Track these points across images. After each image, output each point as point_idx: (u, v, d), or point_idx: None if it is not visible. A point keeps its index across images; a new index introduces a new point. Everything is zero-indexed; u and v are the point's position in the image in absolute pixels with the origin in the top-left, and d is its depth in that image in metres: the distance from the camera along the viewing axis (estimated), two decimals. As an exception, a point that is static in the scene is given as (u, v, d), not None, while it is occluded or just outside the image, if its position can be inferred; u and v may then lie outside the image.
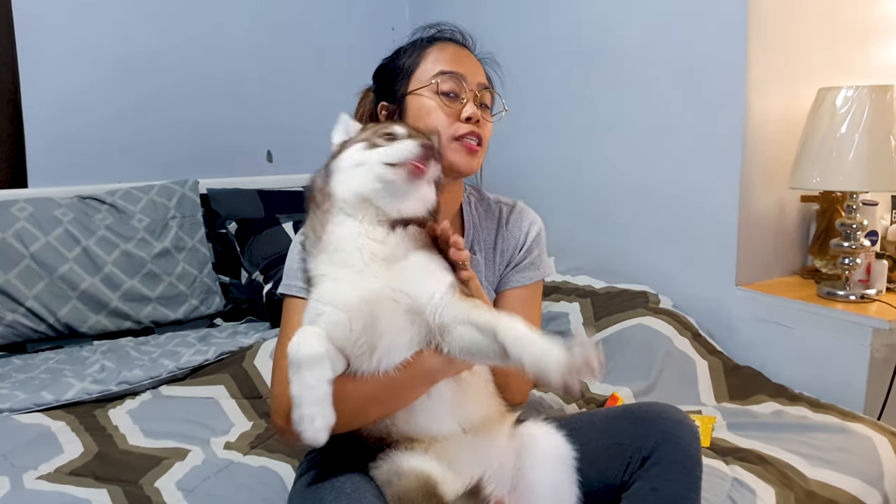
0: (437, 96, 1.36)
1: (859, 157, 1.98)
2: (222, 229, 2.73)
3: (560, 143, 2.77)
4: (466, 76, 1.38)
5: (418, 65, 1.40)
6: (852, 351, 1.97)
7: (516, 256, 1.50)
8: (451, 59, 1.39)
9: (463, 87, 1.37)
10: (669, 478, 1.22)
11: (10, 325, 2.24)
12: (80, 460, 1.55)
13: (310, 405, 1.02)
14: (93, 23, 2.70)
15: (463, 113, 1.36)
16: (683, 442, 1.23)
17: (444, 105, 1.36)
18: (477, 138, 1.37)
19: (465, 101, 1.37)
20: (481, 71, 1.44)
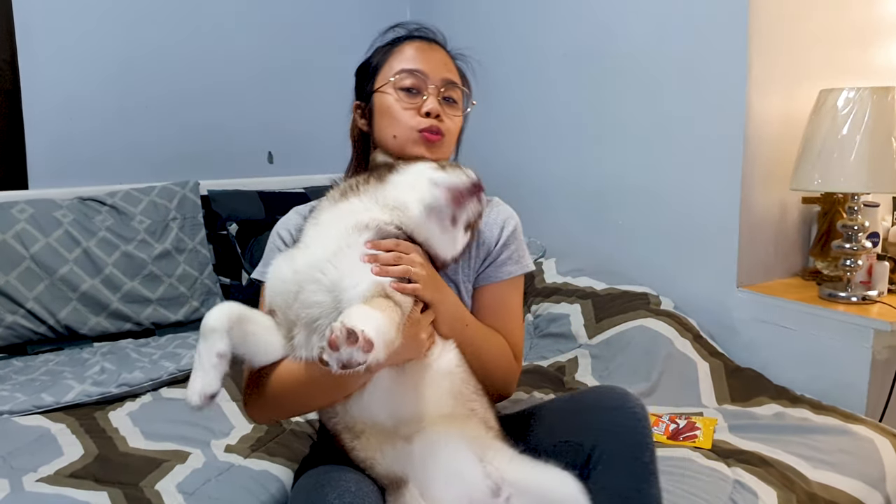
0: (397, 93, 1.40)
1: (861, 158, 1.98)
2: (223, 231, 2.73)
3: (561, 144, 2.76)
4: (428, 73, 1.40)
5: (384, 63, 1.44)
6: (854, 352, 1.97)
7: (493, 251, 1.46)
8: (413, 57, 1.42)
9: (424, 84, 1.39)
10: (616, 472, 1.17)
11: (10, 327, 2.23)
12: (80, 462, 1.55)
13: (196, 370, 1.12)
14: (93, 23, 2.70)
15: (423, 107, 1.38)
16: (625, 430, 1.18)
17: (405, 101, 1.39)
18: (437, 130, 1.38)
19: (426, 97, 1.39)
20: (448, 67, 1.45)
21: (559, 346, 2.27)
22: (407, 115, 1.39)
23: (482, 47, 1.49)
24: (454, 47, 1.52)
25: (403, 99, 1.39)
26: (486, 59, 1.51)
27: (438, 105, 1.39)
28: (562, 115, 2.74)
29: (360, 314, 1.01)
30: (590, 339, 2.23)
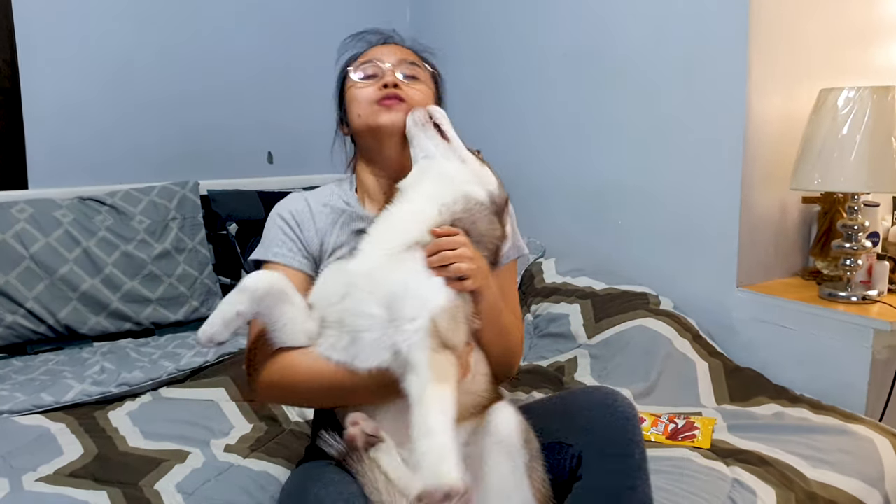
0: (354, 77, 1.43)
1: (861, 158, 1.98)
2: (223, 230, 2.73)
3: (560, 144, 2.76)
4: (382, 58, 1.42)
5: (349, 66, 1.47)
6: (854, 352, 1.97)
7: None
8: (370, 53, 1.45)
9: (380, 68, 1.41)
10: (604, 471, 1.17)
11: (10, 327, 2.23)
12: (79, 462, 1.55)
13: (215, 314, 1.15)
14: (93, 24, 2.70)
15: (380, 83, 1.39)
16: (611, 431, 1.18)
17: (363, 83, 1.41)
18: (394, 97, 1.38)
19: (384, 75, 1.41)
20: (406, 53, 1.46)
21: (558, 346, 2.27)
22: (366, 92, 1.40)
23: (481, 47, 1.50)
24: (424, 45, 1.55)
25: (362, 80, 1.42)
26: (485, 60, 1.51)
27: (397, 78, 1.40)
28: (561, 115, 2.74)
29: (444, 457, 0.99)
30: (589, 339, 2.23)
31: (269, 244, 1.39)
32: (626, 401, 1.23)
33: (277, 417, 1.79)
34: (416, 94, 1.41)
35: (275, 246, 1.38)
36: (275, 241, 1.39)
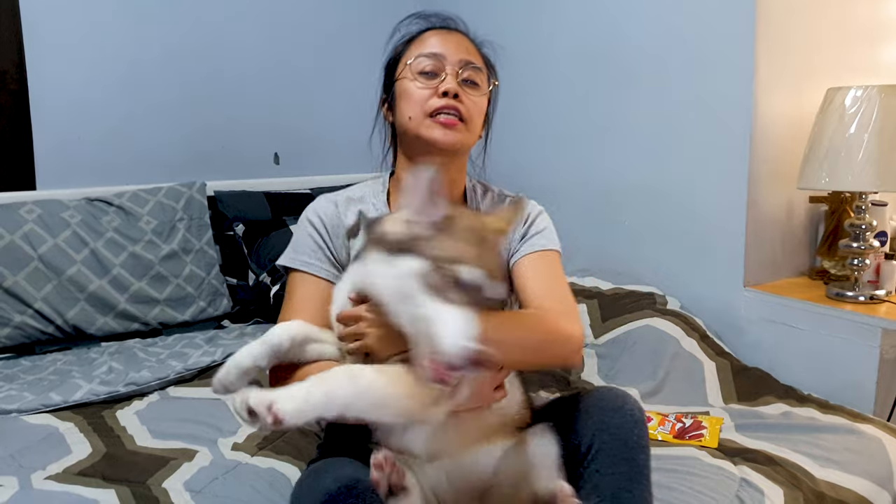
0: (416, 76, 1.37)
1: (868, 157, 1.98)
2: (230, 231, 2.74)
3: (567, 143, 2.76)
4: (446, 55, 1.37)
5: (405, 51, 1.42)
6: (861, 352, 1.96)
7: (521, 229, 1.45)
8: (431, 43, 1.40)
9: (442, 66, 1.37)
10: (608, 472, 1.17)
11: (19, 327, 2.24)
12: (88, 461, 1.55)
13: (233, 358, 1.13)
14: (100, 25, 2.71)
15: (440, 87, 1.35)
16: (620, 431, 1.18)
17: (422, 82, 1.37)
18: (454, 111, 1.35)
19: (444, 78, 1.37)
20: (469, 50, 1.42)
21: (565, 345, 2.26)
22: (423, 94, 1.36)
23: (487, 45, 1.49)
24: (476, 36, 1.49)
25: (420, 81, 1.37)
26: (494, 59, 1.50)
27: (457, 85, 1.36)
28: (568, 114, 2.74)
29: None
30: (596, 338, 2.23)
31: (299, 251, 1.37)
32: (637, 404, 1.24)
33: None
34: (473, 108, 1.38)
35: (304, 255, 1.36)
36: (304, 248, 1.37)
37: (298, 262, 1.36)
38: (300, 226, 1.41)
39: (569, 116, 2.74)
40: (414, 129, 1.37)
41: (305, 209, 1.43)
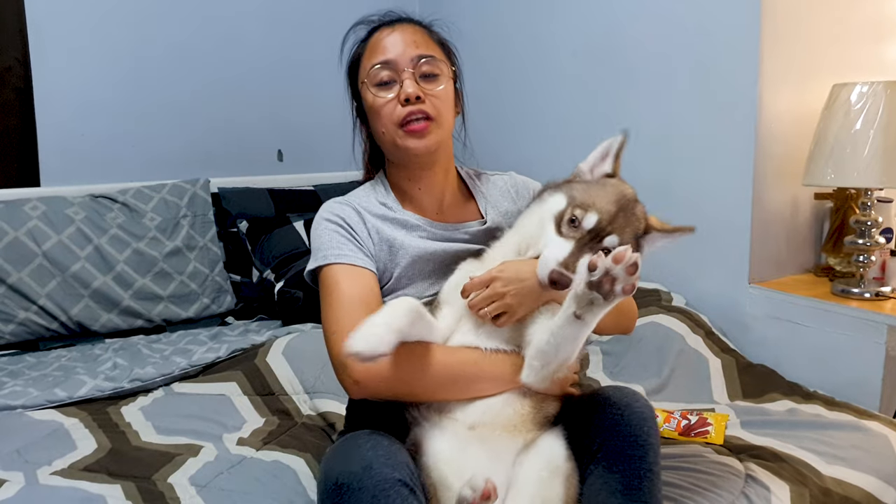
0: (374, 89, 1.37)
1: (874, 153, 1.97)
2: (233, 228, 2.74)
3: (571, 140, 2.75)
4: (396, 59, 1.36)
5: (360, 63, 1.43)
6: (867, 349, 1.96)
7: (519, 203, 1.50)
8: (381, 48, 1.39)
9: (396, 71, 1.36)
10: (616, 469, 1.18)
11: (23, 323, 2.25)
12: (93, 456, 1.56)
13: (376, 317, 1.12)
14: (105, 22, 2.71)
15: (400, 95, 1.35)
16: (630, 429, 1.19)
17: (382, 95, 1.36)
18: (421, 115, 1.35)
19: (402, 83, 1.35)
20: (418, 42, 1.39)
21: (570, 342, 2.26)
22: (388, 109, 1.36)
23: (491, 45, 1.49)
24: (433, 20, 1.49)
25: (380, 94, 1.37)
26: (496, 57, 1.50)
27: (416, 87, 1.35)
28: (572, 111, 2.73)
29: None
30: (601, 335, 2.23)
31: (327, 249, 1.34)
32: (647, 403, 1.25)
33: (290, 411, 1.80)
34: (440, 104, 1.37)
35: (334, 249, 1.33)
36: (332, 244, 1.34)
37: (332, 256, 1.32)
38: (318, 231, 1.38)
39: (572, 113, 2.73)
40: (390, 142, 1.38)
41: (316, 217, 1.41)
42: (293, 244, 2.60)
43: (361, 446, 1.13)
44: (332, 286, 1.31)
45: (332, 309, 1.29)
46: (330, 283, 1.31)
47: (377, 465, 1.09)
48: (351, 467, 1.10)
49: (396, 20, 1.44)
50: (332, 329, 1.28)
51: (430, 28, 1.46)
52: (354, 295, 1.29)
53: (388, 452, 1.12)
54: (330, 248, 1.33)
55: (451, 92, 1.43)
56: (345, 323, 1.23)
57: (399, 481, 1.08)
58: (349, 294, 1.29)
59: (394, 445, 1.16)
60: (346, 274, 1.31)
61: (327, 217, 1.38)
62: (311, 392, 1.86)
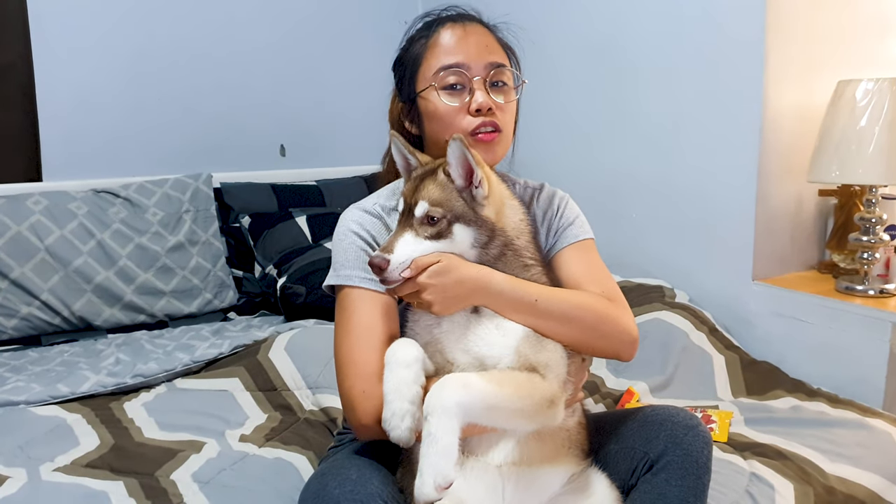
0: (441, 93, 1.31)
1: (879, 150, 1.96)
2: (236, 223, 2.74)
3: (576, 136, 2.75)
4: (469, 63, 1.31)
5: (421, 60, 1.35)
6: (871, 346, 1.95)
7: (554, 223, 1.44)
8: (450, 48, 1.32)
9: (467, 77, 1.31)
10: (676, 484, 1.20)
11: (26, 318, 2.24)
12: (96, 452, 1.55)
13: (402, 401, 1.10)
14: (107, 17, 2.70)
15: (471, 106, 1.30)
16: (693, 448, 1.21)
17: (450, 101, 1.31)
18: (491, 126, 1.32)
19: (473, 91, 1.31)
20: (490, 47, 1.34)
21: (573, 339, 2.26)
22: (456, 117, 1.30)
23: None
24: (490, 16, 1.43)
25: (448, 100, 1.31)
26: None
27: (488, 97, 1.30)
28: (576, 106, 2.73)
29: None
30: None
31: (351, 268, 1.28)
32: (707, 428, 1.27)
33: (292, 407, 1.80)
34: (508, 116, 1.35)
35: (358, 270, 1.27)
36: (356, 263, 1.27)
37: (357, 278, 1.26)
38: (342, 242, 1.31)
39: (576, 109, 2.73)
40: None
41: (342, 222, 1.34)
42: (295, 239, 2.60)
43: (328, 485, 1.13)
44: (349, 311, 1.26)
45: (349, 336, 1.25)
46: (348, 308, 1.26)
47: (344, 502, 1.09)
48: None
49: (465, 18, 1.38)
50: (345, 359, 1.24)
51: (497, 30, 1.41)
52: (372, 325, 1.24)
53: (357, 486, 1.11)
54: (353, 266, 1.27)
55: (514, 102, 1.39)
56: (358, 355, 1.22)
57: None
58: (367, 324, 1.24)
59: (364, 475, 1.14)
60: (365, 300, 1.25)
61: (355, 230, 1.31)
62: (313, 387, 1.86)
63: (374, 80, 3.31)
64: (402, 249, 1.15)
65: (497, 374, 1.15)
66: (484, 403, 1.09)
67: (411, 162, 1.28)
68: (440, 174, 1.21)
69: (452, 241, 1.19)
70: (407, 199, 1.20)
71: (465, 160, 1.18)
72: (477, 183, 1.20)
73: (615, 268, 2.46)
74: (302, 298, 2.37)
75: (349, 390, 1.22)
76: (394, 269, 1.14)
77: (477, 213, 1.20)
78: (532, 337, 1.20)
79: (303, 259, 2.47)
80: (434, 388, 1.08)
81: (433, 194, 1.18)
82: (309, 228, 2.65)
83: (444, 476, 1.02)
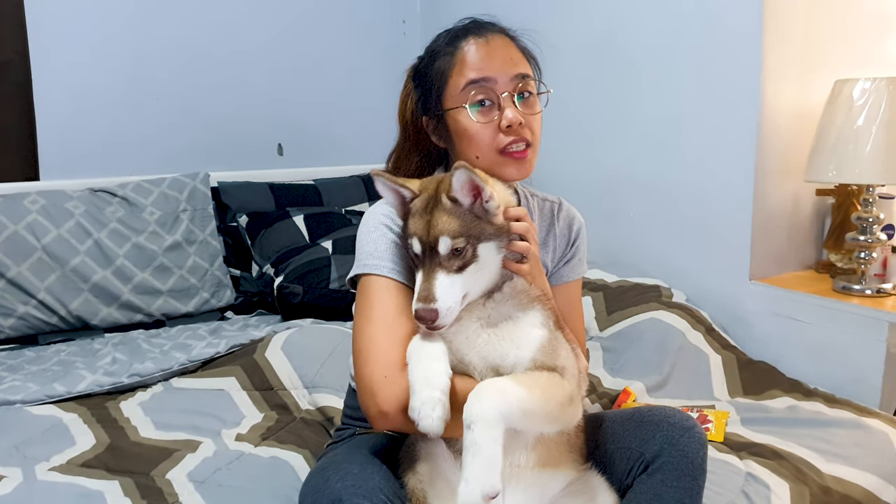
0: (471, 114, 1.31)
1: (876, 149, 1.96)
2: (233, 222, 2.73)
3: (573, 135, 2.74)
4: (497, 77, 1.31)
5: (448, 77, 1.34)
6: (868, 346, 1.95)
7: (567, 253, 1.49)
8: (475, 64, 1.32)
9: (495, 93, 1.31)
10: (672, 485, 1.21)
11: (22, 318, 2.24)
12: (91, 452, 1.55)
13: (433, 390, 1.10)
14: (104, 16, 2.70)
15: (502, 122, 1.30)
16: (689, 450, 1.22)
17: (480, 118, 1.31)
18: (523, 142, 1.32)
19: (502, 107, 1.31)
20: (514, 57, 1.35)
21: (570, 338, 2.26)
22: (486, 134, 1.30)
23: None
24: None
25: (478, 117, 1.31)
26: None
27: (517, 112, 1.31)
28: (573, 105, 2.72)
29: None
30: (601, 331, 2.22)
31: (379, 258, 1.26)
32: (703, 429, 1.28)
33: (289, 406, 1.80)
34: (537, 128, 1.35)
35: (387, 260, 1.26)
36: (386, 254, 1.26)
37: (385, 269, 1.25)
38: (371, 233, 1.29)
39: (574, 108, 2.72)
40: (483, 168, 1.28)
41: (371, 215, 1.32)
42: (293, 239, 2.60)
43: (330, 479, 1.14)
44: (374, 300, 1.24)
45: (371, 324, 1.23)
46: (373, 296, 1.25)
47: (346, 496, 1.09)
48: (321, 501, 1.12)
49: (487, 29, 1.37)
50: (367, 345, 1.22)
51: (518, 38, 1.41)
52: (397, 316, 1.23)
53: (358, 480, 1.12)
54: (382, 257, 1.26)
55: (540, 111, 1.39)
56: (381, 342, 1.20)
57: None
58: (392, 314, 1.23)
59: (366, 470, 1.15)
60: (392, 291, 1.24)
61: (386, 223, 1.30)
62: (310, 387, 1.86)
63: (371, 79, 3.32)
64: (444, 294, 1.13)
65: (525, 378, 1.14)
66: (520, 409, 1.10)
67: (404, 194, 1.25)
68: (446, 201, 1.18)
69: (480, 262, 1.18)
70: (423, 238, 1.17)
71: (473, 183, 1.17)
72: (487, 198, 1.19)
73: (612, 267, 2.47)
74: (299, 298, 2.37)
75: (369, 376, 1.19)
76: (444, 315, 1.13)
77: (493, 224, 1.20)
78: (546, 345, 1.19)
79: (300, 258, 2.47)
80: (472, 398, 1.07)
81: (451, 227, 1.16)
82: (306, 228, 2.64)
83: (491, 486, 1.03)
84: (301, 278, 2.39)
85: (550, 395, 1.13)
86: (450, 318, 1.14)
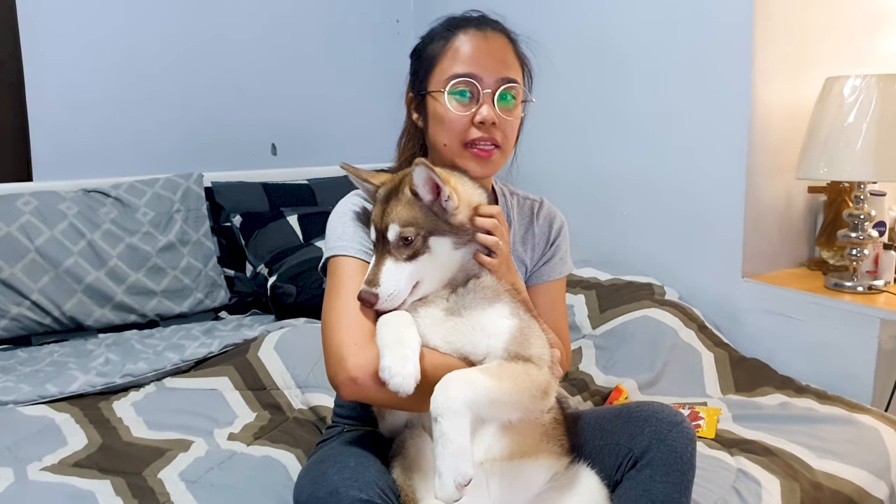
0: (449, 101, 1.32)
1: (867, 146, 1.97)
2: (227, 223, 2.73)
3: (565, 133, 2.75)
4: (482, 75, 1.32)
5: (437, 62, 1.35)
6: (860, 342, 1.96)
7: (547, 252, 1.50)
8: (466, 58, 1.33)
9: (478, 90, 1.32)
10: (661, 480, 1.22)
11: (16, 319, 2.24)
12: (83, 452, 1.56)
13: (404, 348, 1.12)
14: (96, 16, 2.70)
15: (476, 117, 1.32)
16: (677, 445, 1.22)
17: (457, 107, 1.32)
18: (490, 142, 1.33)
19: (480, 102, 1.32)
20: (506, 61, 1.36)
21: (563, 336, 2.26)
22: (459, 125, 1.32)
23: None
24: None
25: (456, 106, 1.32)
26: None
27: (493, 111, 1.32)
28: (565, 104, 2.72)
29: None
30: (594, 329, 2.23)
31: (344, 239, 1.30)
32: (691, 424, 1.28)
33: (281, 406, 1.80)
34: (510, 132, 1.36)
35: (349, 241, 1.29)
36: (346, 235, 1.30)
37: (352, 249, 1.29)
38: (342, 216, 1.34)
39: (565, 105, 2.72)
40: (448, 157, 1.34)
41: (341, 204, 1.37)
42: (287, 239, 2.60)
43: (327, 471, 1.14)
44: (342, 277, 1.27)
45: (340, 298, 1.25)
46: (341, 275, 1.27)
47: (343, 488, 1.10)
48: (318, 493, 1.12)
49: (488, 25, 1.39)
50: (333, 318, 1.23)
51: (518, 43, 1.42)
52: None
53: (355, 473, 1.13)
54: (350, 239, 1.30)
55: (517, 122, 1.40)
56: (350, 312, 1.22)
57: (366, 502, 1.09)
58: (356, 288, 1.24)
59: (363, 463, 1.17)
60: (359, 271, 1.26)
61: (354, 209, 1.35)
62: (302, 386, 1.86)
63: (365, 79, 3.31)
64: (388, 280, 1.19)
65: (495, 369, 1.16)
66: (488, 399, 1.11)
67: (367, 187, 1.30)
68: (406, 192, 1.22)
69: (432, 254, 1.21)
70: (377, 224, 1.22)
71: (432, 180, 1.20)
72: (446, 198, 1.21)
73: (605, 265, 2.48)
74: (293, 298, 2.37)
75: (339, 343, 1.20)
76: (384, 300, 1.18)
77: (450, 223, 1.22)
78: (518, 335, 1.20)
79: (294, 258, 2.47)
80: (439, 388, 1.09)
81: (402, 215, 1.20)
82: (300, 228, 2.64)
83: (463, 475, 1.04)
84: (295, 278, 2.39)
85: (522, 387, 1.14)
86: (391, 304, 1.19)
